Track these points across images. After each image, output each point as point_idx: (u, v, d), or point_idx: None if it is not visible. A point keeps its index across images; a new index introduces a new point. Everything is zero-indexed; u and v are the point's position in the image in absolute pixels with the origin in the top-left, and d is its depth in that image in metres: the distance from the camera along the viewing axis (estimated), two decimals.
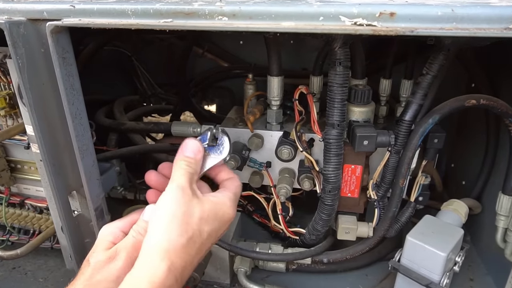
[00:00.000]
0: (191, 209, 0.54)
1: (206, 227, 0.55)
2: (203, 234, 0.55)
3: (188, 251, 0.52)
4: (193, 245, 0.53)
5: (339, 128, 0.72)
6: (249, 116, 0.90)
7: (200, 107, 1.42)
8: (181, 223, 0.53)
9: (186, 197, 0.55)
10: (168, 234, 0.51)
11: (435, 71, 0.69)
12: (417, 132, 0.73)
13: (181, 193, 0.55)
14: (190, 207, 0.54)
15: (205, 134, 0.69)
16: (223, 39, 1.34)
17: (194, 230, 0.54)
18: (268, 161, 0.93)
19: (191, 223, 0.54)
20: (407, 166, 0.75)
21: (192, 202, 0.55)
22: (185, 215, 0.53)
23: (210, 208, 0.56)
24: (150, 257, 0.50)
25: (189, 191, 0.56)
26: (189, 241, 0.53)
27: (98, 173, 0.64)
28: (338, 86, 0.70)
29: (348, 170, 0.81)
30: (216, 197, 0.59)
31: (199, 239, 0.54)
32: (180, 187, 0.55)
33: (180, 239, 0.52)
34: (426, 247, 0.76)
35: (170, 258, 0.50)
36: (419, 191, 0.88)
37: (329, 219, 0.82)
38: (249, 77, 0.99)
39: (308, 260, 0.88)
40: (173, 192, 0.55)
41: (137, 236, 0.57)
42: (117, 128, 1.09)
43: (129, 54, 1.30)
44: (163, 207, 0.54)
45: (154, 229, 0.52)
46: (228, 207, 0.59)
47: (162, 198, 0.55)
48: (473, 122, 1.08)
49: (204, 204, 0.56)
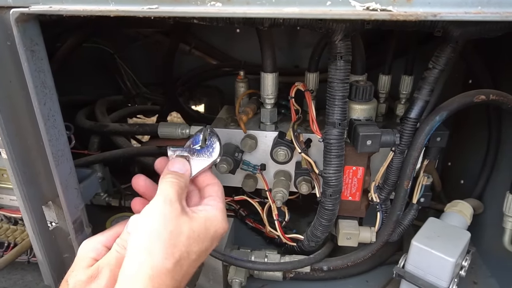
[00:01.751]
0: (179, 227, 0.48)
1: (196, 247, 0.49)
2: (191, 255, 0.49)
3: (174, 276, 0.46)
4: (180, 269, 0.47)
5: (340, 127, 0.67)
6: (241, 115, 0.84)
7: (187, 107, 1.35)
8: (167, 245, 0.46)
9: (174, 212, 0.48)
10: (152, 258, 0.45)
11: (442, 64, 0.65)
12: (423, 130, 0.68)
13: (168, 208, 0.48)
14: (178, 225, 0.48)
15: (197, 136, 0.64)
16: (211, 35, 1.27)
17: (181, 252, 0.47)
18: (263, 163, 0.87)
19: (178, 244, 0.47)
20: (412, 167, 0.71)
21: (180, 219, 0.49)
22: (172, 235, 0.47)
23: (200, 226, 0.50)
24: (130, 283, 0.43)
25: (177, 205, 0.49)
26: (176, 265, 0.46)
27: (76, 182, 0.57)
28: (339, 82, 0.65)
29: (349, 172, 0.76)
30: (206, 211, 0.53)
31: (186, 261, 0.48)
32: (168, 201, 0.49)
33: (166, 263, 0.45)
34: (433, 253, 0.72)
35: (153, 286, 0.44)
36: (422, 192, 0.84)
37: (330, 224, 0.76)
38: (241, 74, 0.93)
39: (307, 268, 0.83)
40: (159, 206, 0.48)
41: (121, 251, 0.50)
42: (99, 130, 1.01)
43: (112, 52, 1.22)
44: (147, 224, 0.47)
45: (135, 250, 0.46)
46: (221, 221, 0.53)
47: (146, 212, 0.48)
48: (472, 118, 1.04)
49: (193, 222, 0.50)
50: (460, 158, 1.14)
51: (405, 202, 0.76)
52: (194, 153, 0.61)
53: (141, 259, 0.44)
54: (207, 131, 0.63)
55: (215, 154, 0.61)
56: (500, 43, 0.88)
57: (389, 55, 0.87)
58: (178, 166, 0.57)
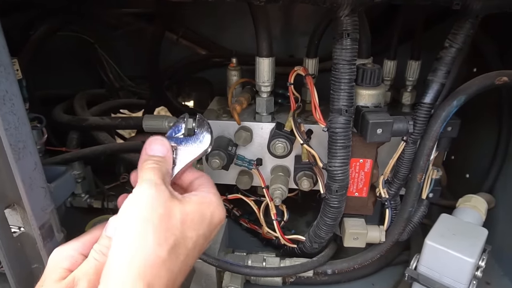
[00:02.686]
0: (170, 210, 0.41)
1: (191, 232, 0.42)
2: (187, 242, 0.41)
3: (169, 266, 0.39)
4: (176, 258, 0.40)
5: (347, 115, 0.60)
6: (235, 106, 0.76)
7: (176, 101, 1.26)
8: (158, 229, 0.39)
9: (162, 195, 0.41)
10: (142, 246, 0.37)
11: (460, 43, 0.58)
12: (439, 116, 0.61)
13: (154, 191, 0.41)
14: (168, 208, 0.41)
15: (178, 125, 0.55)
16: (200, 23, 1.19)
17: (176, 237, 0.40)
18: (259, 158, 0.79)
19: (171, 228, 0.40)
20: (426, 158, 0.64)
21: (170, 202, 0.41)
22: (163, 219, 0.39)
23: (194, 209, 0.43)
24: (119, 281, 0.36)
25: (164, 188, 0.42)
26: (171, 252, 0.39)
27: (43, 179, 0.48)
28: (345, 63, 0.58)
29: (356, 165, 0.69)
30: (198, 196, 0.45)
31: (183, 249, 0.41)
32: (153, 184, 0.42)
33: (159, 251, 0.38)
34: (450, 253, 0.65)
35: (146, 279, 0.36)
36: (431, 187, 0.77)
37: (335, 223, 0.69)
38: (233, 62, 0.85)
39: (310, 272, 0.75)
40: (144, 190, 0.41)
41: (100, 258, 0.42)
42: (77, 125, 0.92)
43: (92, 41, 1.13)
44: (131, 213, 0.39)
45: (120, 241, 0.38)
46: (216, 206, 0.46)
47: (128, 202, 0.41)
48: (480, 108, 0.98)
49: (186, 205, 0.42)
50: (465, 150, 1.08)
51: (418, 197, 0.69)
52: (181, 142, 0.53)
53: (130, 249, 0.37)
54: (189, 119, 0.55)
55: (205, 143, 0.54)
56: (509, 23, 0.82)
57: (395, 39, 0.80)
58: (156, 147, 0.48)
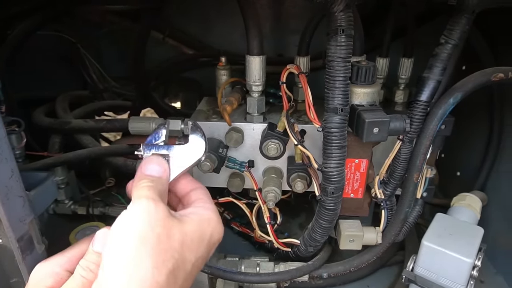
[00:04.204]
0: (169, 230, 0.38)
1: (191, 254, 0.39)
2: (187, 265, 0.38)
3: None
4: (174, 283, 0.37)
5: (342, 114, 0.58)
6: (225, 106, 0.73)
7: (163, 103, 1.23)
8: (156, 251, 0.36)
9: (160, 213, 0.38)
10: (138, 269, 0.34)
11: (456, 38, 0.57)
12: (436, 114, 0.60)
13: (153, 207, 0.38)
14: (167, 227, 0.38)
15: (158, 131, 0.52)
16: (186, 21, 1.16)
17: (175, 260, 0.37)
18: (250, 159, 0.77)
19: (170, 250, 0.37)
20: (423, 157, 0.63)
21: (169, 221, 0.38)
22: (161, 239, 0.36)
23: (194, 229, 0.40)
24: None
25: (163, 205, 0.39)
26: (169, 277, 0.36)
27: (21, 188, 0.45)
28: (340, 60, 0.56)
29: (351, 166, 0.67)
30: (197, 214, 0.43)
31: (182, 273, 0.38)
32: (151, 200, 0.39)
33: (157, 276, 0.35)
34: (447, 253, 0.64)
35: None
36: (425, 186, 0.76)
37: (330, 226, 0.67)
38: (222, 61, 0.83)
39: (305, 276, 0.73)
40: (140, 207, 0.38)
41: (87, 276, 0.39)
42: (59, 128, 0.88)
43: (74, 41, 1.08)
44: (126, 229, 0.36)
45: (114, 262, 0.35)
46: (216, 224, 0.43)
47: (124, 216, 0.38)
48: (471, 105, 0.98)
49: (185, 225, 0.40)
50: (456, 148, 1.08)
51: (414, 197, 0.67)
52: (173, 151, 0.50)
53: (125, 275, 0.34)
54: (190, 126, 0.53)
55: (199, 151, 0.51)
56: (498, 19, 0.82)
57: (387, 36, 0.79)
58: (153, 167, 0.46)
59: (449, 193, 0.99)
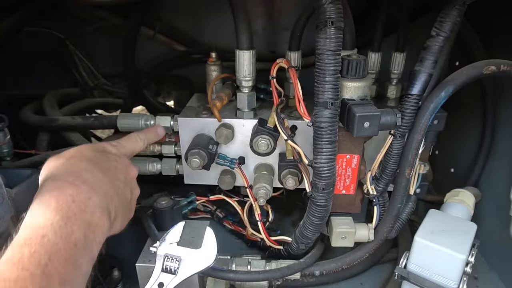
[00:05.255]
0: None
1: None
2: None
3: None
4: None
5: (332, 108, 0.57)
6: (215, 102, 0.72)
7: (154, 100, 1.21)
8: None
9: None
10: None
11: (447, 31, 0.56)
12: (427, 108, 0.59)
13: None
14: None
15: (174, 230, 0.58)
16: (177, 17, 1.14)
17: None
18: (241, 156, 0.76)
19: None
20: (415, 152, 0.62)
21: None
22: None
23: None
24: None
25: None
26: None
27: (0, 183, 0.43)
28: (330, 53, 0.55)
29: (343, 162, 0.66)
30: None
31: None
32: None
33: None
34: (440, 249, 0.63)
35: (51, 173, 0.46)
36: (419, 182, 0.75)
37: (322, 223, 0.66)
38: (212, 56, 0.82)
39: (297, 274, 0.72)
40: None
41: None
42: (47, 125, 0.86)
43: (63, 37, 1.06)
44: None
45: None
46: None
47: None
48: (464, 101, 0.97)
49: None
50: (449, 145, 1.07)
51: (406, 193, 0.67)
52: (185, 253, 0.55)
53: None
54: (205, 233, 0.58)
55: (210, 259, 0.56)
56: (485, 11, 0.81)
57: (379, 30, 0.78)
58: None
59: (443, 189, 0.98)
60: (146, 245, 0.73)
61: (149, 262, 0.68)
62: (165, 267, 0.56)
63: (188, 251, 0.56)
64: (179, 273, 0.55)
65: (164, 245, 0.57)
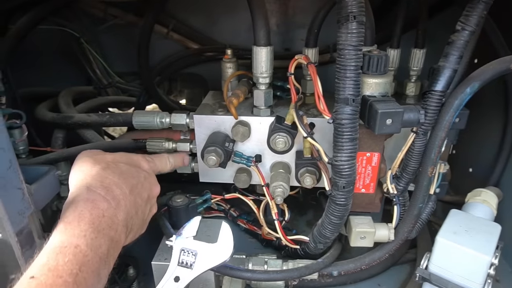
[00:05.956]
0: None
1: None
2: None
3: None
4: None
5: (354, 105, 0.55)
6: (232, 99, 0.71)
7: (168, 98, 1.21)
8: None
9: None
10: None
11: (473, 25, 0.54)
12: (452, 105, 0.57)
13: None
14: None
15: (191, 224, 0.58)
16: (191, 15, 1.14)
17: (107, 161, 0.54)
18: (258, 154, 0.75)
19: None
20: (438, 150, 0.60)
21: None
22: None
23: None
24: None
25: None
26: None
27: (20, 180, 0.43)
28: (351, 48, 0.53)
29: (362, 160, 0.65)
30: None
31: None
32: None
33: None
34: (464, 250, 0.61)
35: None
36: (439, 182, 0.73)
37: (341, 222, 0.65)
38: (228, 53, 0.81)
39: (315, 274, 0.71)
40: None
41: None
42: (62, 122, 0.86)
43: (78, 35, 1.07)
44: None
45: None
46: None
47: None
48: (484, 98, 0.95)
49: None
50: (468, 144, 1.04)
51: (428, 192, 0.65)
52: (201, 248, 0.55)
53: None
54: (222, 228, 0.58)
55: (226, 254, 0.56)
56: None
57: (398, 27, 0.77)
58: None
59: (460, 190, 0.96)
60: (162, 243, 0.73)
61: (164, 261, 0.68)
62: (181, 261, 0.55)
63: (204, 245, 0.55)
64: (195, 267, 0.54)
65: (181, 239, 0.56)
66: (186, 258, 0.55)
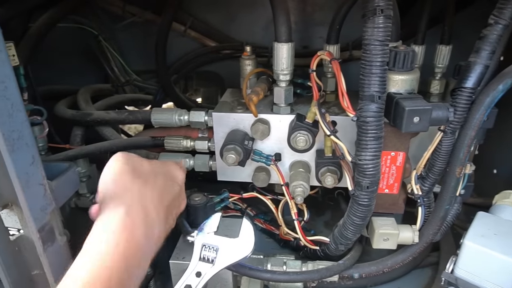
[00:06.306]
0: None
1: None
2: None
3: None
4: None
5: (379, 102, 0.54)
6: (251, 96, 0.70)
7: (184, 96, 1.20)
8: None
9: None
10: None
11: (507, 18, 0.52)
12: (482, 103, 0.55)
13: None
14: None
15: (212, 220, 0.58)
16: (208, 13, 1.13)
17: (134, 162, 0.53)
18: (277, 153, 0.74)
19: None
20: (467, 149, 0.57)
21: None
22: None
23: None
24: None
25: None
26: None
27: (42, 176, 0.43)
28: (378, 43, 0.52)
29: (387, 159, 0.63)
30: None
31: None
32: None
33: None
34: (493, 254, 0.59)
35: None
36: (465, 183, 0.71)
37: (364, 223, 0.63)
38: (247, 50, 0.79)
39: (335, 276, 0.69)
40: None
41: None
42: (81, 119, 0.86)
43: (96, 33, 1.07)
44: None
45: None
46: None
47: None
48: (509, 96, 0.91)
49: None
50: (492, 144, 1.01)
51: (455, 193, 0.62)
52: (222, 243, 0.55)
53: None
54: (243, 223, 0.58)
55: (247, 249, 0.56)
56: None
57: (423, 22, 0.74)
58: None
59: (484, 192, 0.93)
60: (179, 242, 0.72)
61: (182, 259, 0.67)
62: (203, 256, 0.55)
63: (225, 241, 0.55)
64: (217, 262, 0.54)
65: (202, 234, 0.56)
66: (208, 254, 0.55)
